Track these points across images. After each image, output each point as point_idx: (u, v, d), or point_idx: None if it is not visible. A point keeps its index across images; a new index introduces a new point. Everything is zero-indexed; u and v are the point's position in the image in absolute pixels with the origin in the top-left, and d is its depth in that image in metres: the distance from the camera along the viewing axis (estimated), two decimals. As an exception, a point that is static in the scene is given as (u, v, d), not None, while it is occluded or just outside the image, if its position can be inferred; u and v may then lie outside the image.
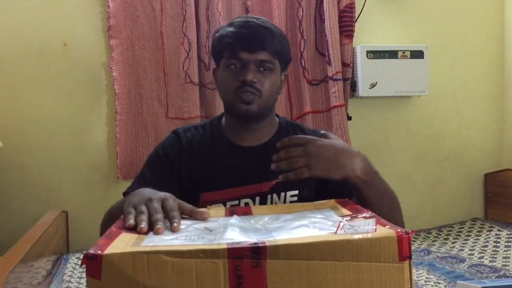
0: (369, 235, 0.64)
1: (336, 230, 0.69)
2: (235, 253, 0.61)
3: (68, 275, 1.88)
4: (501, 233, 2.43)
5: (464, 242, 2.43)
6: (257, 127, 1.22)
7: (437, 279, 1.82)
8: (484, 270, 1.91)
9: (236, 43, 1.16)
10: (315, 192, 1.19)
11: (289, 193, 1.18)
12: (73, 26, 2.35)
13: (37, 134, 2.33)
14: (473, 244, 2.36)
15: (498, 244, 2.29)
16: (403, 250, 0.63)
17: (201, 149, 1.22)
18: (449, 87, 2.83)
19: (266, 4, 2.49)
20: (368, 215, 0.77)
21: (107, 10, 2.32)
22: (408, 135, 2.78)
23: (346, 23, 2.53)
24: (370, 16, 2.64)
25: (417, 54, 2.61)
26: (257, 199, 1.17)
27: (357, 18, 2.58)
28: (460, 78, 2.84)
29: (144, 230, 0.73)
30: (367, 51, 2.54)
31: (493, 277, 1.83)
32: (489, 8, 2.86)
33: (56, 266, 1.97)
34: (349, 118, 2.56)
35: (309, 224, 0.75)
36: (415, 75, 2.61)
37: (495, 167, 2.86)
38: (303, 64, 2.52)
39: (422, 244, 2.44)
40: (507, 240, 2.32)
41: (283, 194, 1.18)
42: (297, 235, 0.69)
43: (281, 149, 1.00)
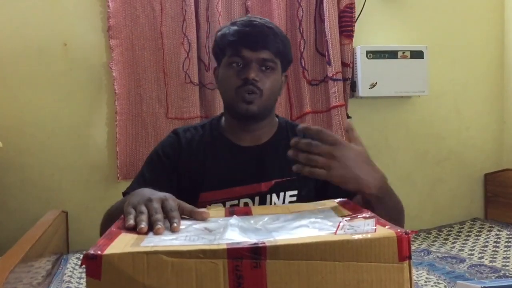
0: (369, 235, 0.64)
1: (336, 230, 0.69)
2: (235, 254, 0.61)
3: (68, 275, 1.88)
4: (501, 233, 2.43)
5: (464, 242, 2.43)
6: (257, 127, 1.22)
7: (437, 279, 1.82)
8: (484, 270, 1.91)
9: (239, 41, 1.15)
10: (314, 192, 1.19)
11: (288, 193, 1.18)
12: (73, 26, 2.35)
13: (37, 134, 2.33)
14: (473, 244, 2.36)
15: (498, 244, 2.29)
16: (403, 250, 0.63)
17: (200, 149, 1.22)
18: (449, 87, 2.83)
19: (266, 4, 2.49)
20: (368, 215, 0.77)
21: (107, 10, 2.32)
22: (408, 135, 2.78)
23: (346, 23, 2.53)
24: (370, 16, 2.64)
25: (417, 54, 2.61)
26: (257, 199, 1.17)
27: (357, 18, 2.58)
28: (460, 78, 2.84)
29: (144, 230, 0.73)
30: (367, 51, 2.54)
31: (493, 277, 1.83)
32: (489, 8, 2.86)
33: (56, 266, 1.97)
34: (349, 118, 2.56)
35: (309, 224, 0.75)
36: (415, 75, 2.61)
37: (495, 167, 2.86)
38: (303, 64, 2.52)
39: (422, 244, 2.44)
40: (507, 240, 2.32)
41: (282, 194, 1.18)
42: (297, 235, 0.69)
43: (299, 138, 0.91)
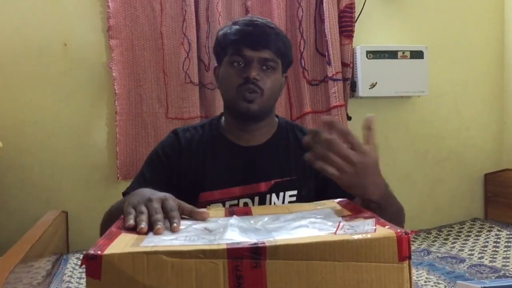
0: (369, 235, 0.64)
1: (336, 230, 0.69)
2: (234, 254, 0.61)
3: (68, 275, 1.88)
4: (501, 233, 2.43)
5: (464, 242, 2.43)
6: (257, 127, 1.22)
7: (437, 279, 1.82)
8: (484, 270, 1.91)
9: (241, 40, 1.15)
10: (314, 192, 1.19)
11: (288, 193, 1.18)
12: (73, 26, 2.35)
13: (37, 134, 2.33)
14: (473, 244, 2.36)
15: (498, 244, 2.29)
16: (402, 250, 0.63)
17: (200, 149, 1.22)
18: (449, 87, 2.83)
19: (266, 4, 2.49)
20: (367, 215, 0.77)
21: (107, 10, 2.32)
22: (408, 135, 2.78)
23: (346, 23, 2.53)
24: (370, 16, 2.64)
25: (417, 54, 2.61)
26: (256, 199, 1.17)
27: (357, 18, 2.58)
28: (460, 78, 2.84)
29: (144, 231, 0.73)
30: (367, 51, 2.54)
31: (493, 277, 1.83)
32: (489, 8, 2.86)
33: (56, 266, 1.97)
34: (349, 118, 2.56)
35: (308, 224, 0.75)
36: (415, 75, 2.61)
37: (495, 167, 2.86)
38: (303, 64, 2.52)
39: (422, 244, 2.44)
40: (507, 240, 2.32)
41: (282, 194, 1.18)
42: (297, 235, 0.68)
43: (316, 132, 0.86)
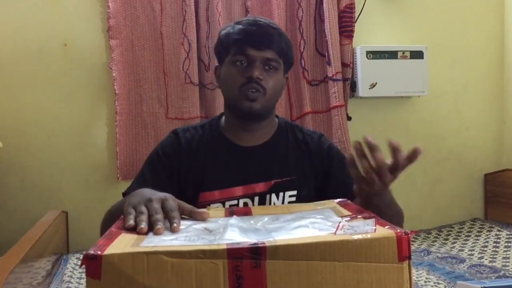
0: (369, 236, 0.64)
1: (336, 231, 0.69)
2: (234, 254, 0.61)
3: (68, 276, 1.88)
4: (501, 233, 2.43)
5: (464, 242, 2.43)
6: (257, 127, 1.22)
7: (437, 280, 1.82)
8: (484, 271, 1.91)
9: (244, 39, 1.16)
10: (314, 192, 1.19)
11: (288, 193, 1.18)
12: (73, 26, 2.35)
13: (37, 134, 2.33)
14: (473, 245, 2.36)
15: (498, 245, 2.29)
16: (402, 250, 0.63)
17: (200, 149, 1.22)
18: (449, 87, 2.83)
19: (266, 4, 2.49)
20: (367, 215, 0.77)
21: (107, 11, 2.32)
22: (408, 135, 2.77)
23: (346, 23, 2.53)
24: (370, 16, 2.64)
25: (417, 55, 2.61)
26: (256, 199, 1.17)
27: (357, 18, 2.58)
28: (460, 78, 2.84)
29: (144, 231, 0.73)
30: (367, 51, 2.54)
31: (493, 278, 1.83)
32: (489, 8, 2.86)
33: (56, 267, 1.97)
34: (349, 118, 2.56)
35: (308, 224, 0.75)
36: (415, 76, 2.61)
37: (495, 167, 2.86)
38: (303, 64, 2.52)
39: (422, 244, 2.44)
40: (507, 240, 2.32)
41: (281, 194, 1.18)
42: (297, 236, 0.68)
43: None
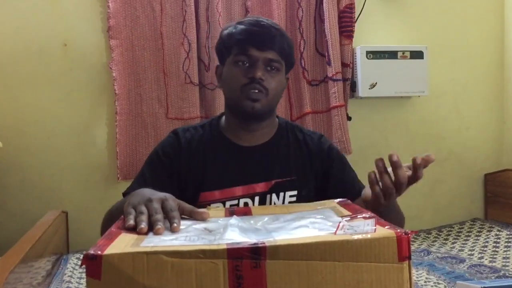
0: (369, 236, 0.64)
1: (336, 231, 0.69)
2: (234, 254, 0.61)
3: (68, 276, 1.88)
4: (501, 233, 2.43)
5: (464, 242, 2.43)
6: (258, 127, 1.22)
7: (437, 280, 1.82)
8: (484, 271, 1.91)
9: (247, 40, 1.16)
10: (314, 192, 1.19)
11: (288, 193, 1.18)
12: (73, 26, 2.35)
13: (37, 134, 2.33)
14: (473, 245, 2.36)
15: (498, 245, 2.29)
16: (402, 250, 0.63)
17: (200, 149, 1.22)
18: (449, 87, 2.83)
19: (266, 4, 2.49)
20: (367, 216, 0.77)
21: (107, 11, 2.32)
22: (408, 135, 2.78)
23: (346, 23, 2.53)
24: (369, 16, 2.64)
25: (417, 55, 2.61)
26: (256, 199, 1.17)
27: (357, 18, 2.58)
28: (460, 78, 2.84)
29: (144, 231, 0.73)
30: (366, 51, 2.54)
31: (493, 278, 1.83)
32: (489, 8, 2.86)
33: (56, 267, 1.97)
34: (349, 118, 2.56)
35: (308, 224, 0.75)
36: (415, 76, 2.61)
37: (495, 167, 2.86)
38: (303, 64, 2.52)
39: (422, 244, 2.44)
40: (507, 240, 2.32)
41: (282, 194, 1.18)
42: (297, 236, 0.68)
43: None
